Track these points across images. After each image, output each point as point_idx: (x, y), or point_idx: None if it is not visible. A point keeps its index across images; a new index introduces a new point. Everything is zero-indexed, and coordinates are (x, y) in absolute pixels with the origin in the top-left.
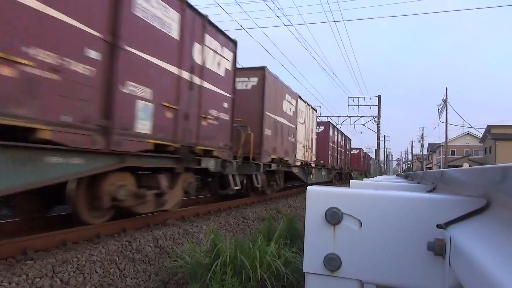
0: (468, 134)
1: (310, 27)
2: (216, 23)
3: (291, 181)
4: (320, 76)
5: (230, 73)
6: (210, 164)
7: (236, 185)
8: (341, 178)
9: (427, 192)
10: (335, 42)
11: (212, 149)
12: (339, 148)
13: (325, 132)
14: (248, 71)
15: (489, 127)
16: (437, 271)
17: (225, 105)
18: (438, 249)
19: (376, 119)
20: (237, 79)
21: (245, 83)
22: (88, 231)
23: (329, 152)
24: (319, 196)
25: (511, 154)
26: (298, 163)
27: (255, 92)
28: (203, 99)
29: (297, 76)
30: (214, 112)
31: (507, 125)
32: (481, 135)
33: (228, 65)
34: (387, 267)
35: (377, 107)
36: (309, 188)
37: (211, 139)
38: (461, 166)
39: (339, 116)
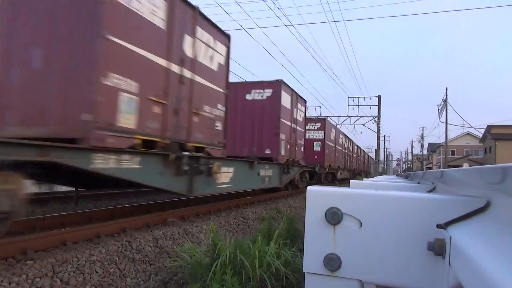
0: (468, 134)
1: (310, 27)
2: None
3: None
4: (320, 76)
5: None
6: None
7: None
8: (354, 175)
9: (427, 192)
10: (335, 42)
11: (298, 159)
12: (354, 155)
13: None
14: (312, 122)
15: (489, 127)
16: (437, 271)
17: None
18: (438, 249)
19: (376, 119)
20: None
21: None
22: (88, 231)
23: (350, 159)
24: (319, 196)
25: (511, 154)
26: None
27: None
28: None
29: (297, 76)
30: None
31: (507, 125)
32: (481, 135)
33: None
34: (387, 267)
35: (377, 107)
36: (309, 188)
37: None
38: (461, 166)
39: (339, 116)
